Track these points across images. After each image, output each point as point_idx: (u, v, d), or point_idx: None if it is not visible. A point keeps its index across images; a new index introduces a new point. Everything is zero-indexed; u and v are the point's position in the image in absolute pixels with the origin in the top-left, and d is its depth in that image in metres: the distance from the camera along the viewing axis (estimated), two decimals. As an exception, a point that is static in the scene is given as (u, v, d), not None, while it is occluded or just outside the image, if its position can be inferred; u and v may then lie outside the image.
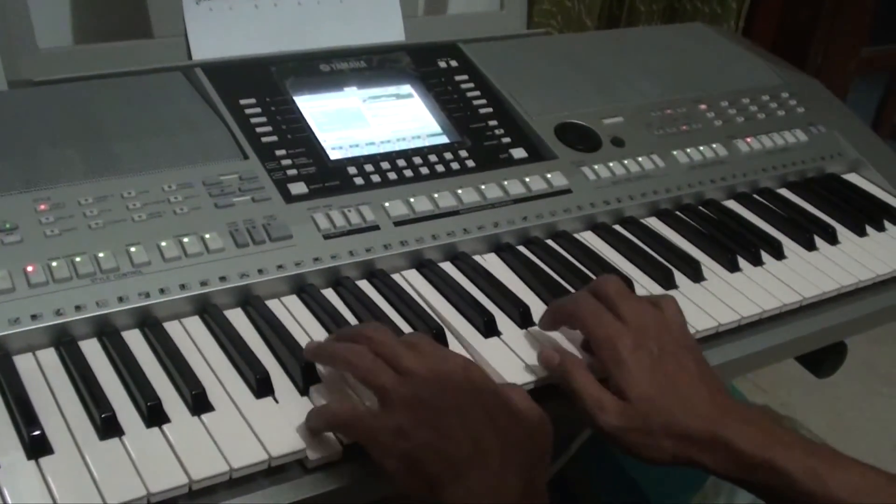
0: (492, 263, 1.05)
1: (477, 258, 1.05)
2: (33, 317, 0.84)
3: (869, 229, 1.25)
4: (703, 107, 1.33)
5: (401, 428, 0.74)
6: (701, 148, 1.26)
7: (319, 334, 0.90)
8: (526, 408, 0.79)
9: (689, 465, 0.82)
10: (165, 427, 0.78)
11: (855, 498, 0.77)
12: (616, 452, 0.86)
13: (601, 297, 0.89)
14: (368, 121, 1.14)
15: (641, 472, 1.70)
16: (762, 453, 0.79)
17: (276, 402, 0.82)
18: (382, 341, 0.81)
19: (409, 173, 1.08)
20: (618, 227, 1.15)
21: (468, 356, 0.89)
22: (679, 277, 1.07)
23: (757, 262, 1.13)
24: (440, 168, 1.10)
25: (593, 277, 1.04)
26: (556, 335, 0.94)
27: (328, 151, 1.08)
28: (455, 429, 0.74)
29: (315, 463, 0.78)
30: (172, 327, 0.89)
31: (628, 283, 1.03)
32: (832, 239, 1.20)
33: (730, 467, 0.81)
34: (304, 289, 0.96)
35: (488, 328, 0.94)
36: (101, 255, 0.90)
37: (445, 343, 0.92)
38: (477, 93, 1.22)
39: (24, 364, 0.82)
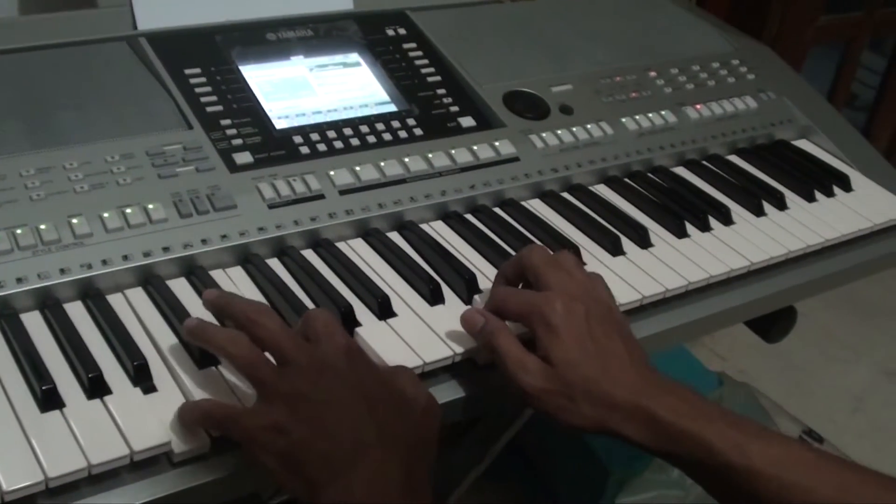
0: (439, 232, 1.05)
1: (424, 227, 1.05)
2: (-28, 289, 0.83)
3: (818, 195, 1.25)
4: (652, 74, 1.33)
5: (279, 424, 0.72)
6: (650, 115, 1.26)
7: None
8: (413, 394, 0.78)
9: (609, 434, 0.81)
10: (107, 399, 0.78)
11: (775, 468, 0.76)
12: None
13: (527, 267, 0.89)
14: (315, 90, 1.13)
15: (598, 439, 1.71)
16: (684, 424, 0.79)
17: (220, 372, 0.82)
18: (265, 325, 0.77)
19: (355, 142, 1.08)
20: (565, 195, 1.15)
21: (415, 324, 0.90)
22: (626, 244, 1.08)
23: (705, 227, 1.13)
24: (387, 136, 1.10)
25: (540, 244, 1.04)
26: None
27: (274, 121, 1.07)
28: (335, 424, 0.72)
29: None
30: (115, 299, 0.89)
31: (576, 251, 1.03)
32: (781, 204, 1.21)
33: (650, 438, 0.80)
34: (248, 259, 0.95)
35: (434, 296, 0.94)
36: (42, 226, 0.89)
37: (392, 312, 0.92)
38: (425, 61, 1.21)
39: (-37, 337, 0.82)
